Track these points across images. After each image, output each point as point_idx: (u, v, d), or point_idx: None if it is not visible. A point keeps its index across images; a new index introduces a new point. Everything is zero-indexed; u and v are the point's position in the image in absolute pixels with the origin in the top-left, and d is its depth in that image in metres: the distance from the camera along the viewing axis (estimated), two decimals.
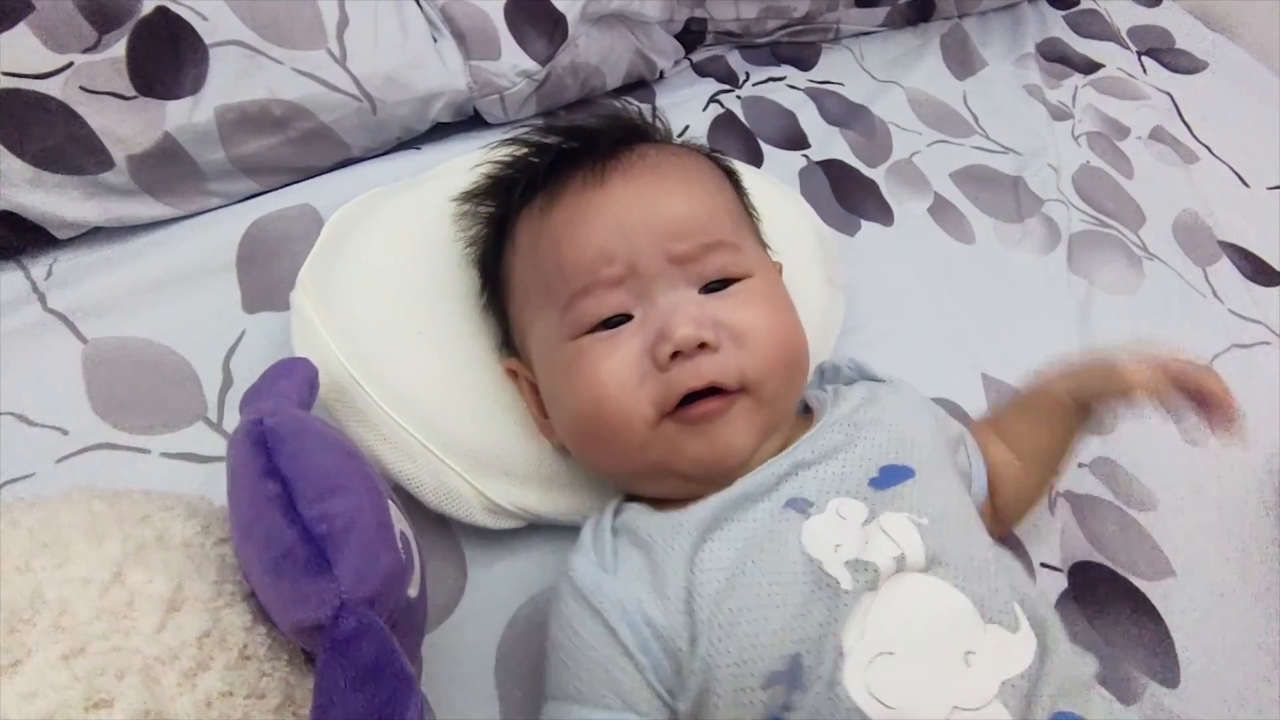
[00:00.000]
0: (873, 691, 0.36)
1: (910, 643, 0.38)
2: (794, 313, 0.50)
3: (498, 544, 0.54)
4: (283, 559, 0.30)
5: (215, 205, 0.66)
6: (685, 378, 0.43)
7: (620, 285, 0.46)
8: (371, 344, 0.53)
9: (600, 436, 0.46)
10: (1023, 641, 0.39)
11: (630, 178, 0.48)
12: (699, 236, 0.46)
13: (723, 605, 0.40)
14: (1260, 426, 0.72)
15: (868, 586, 0.39)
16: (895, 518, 0.41)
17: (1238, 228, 0.89)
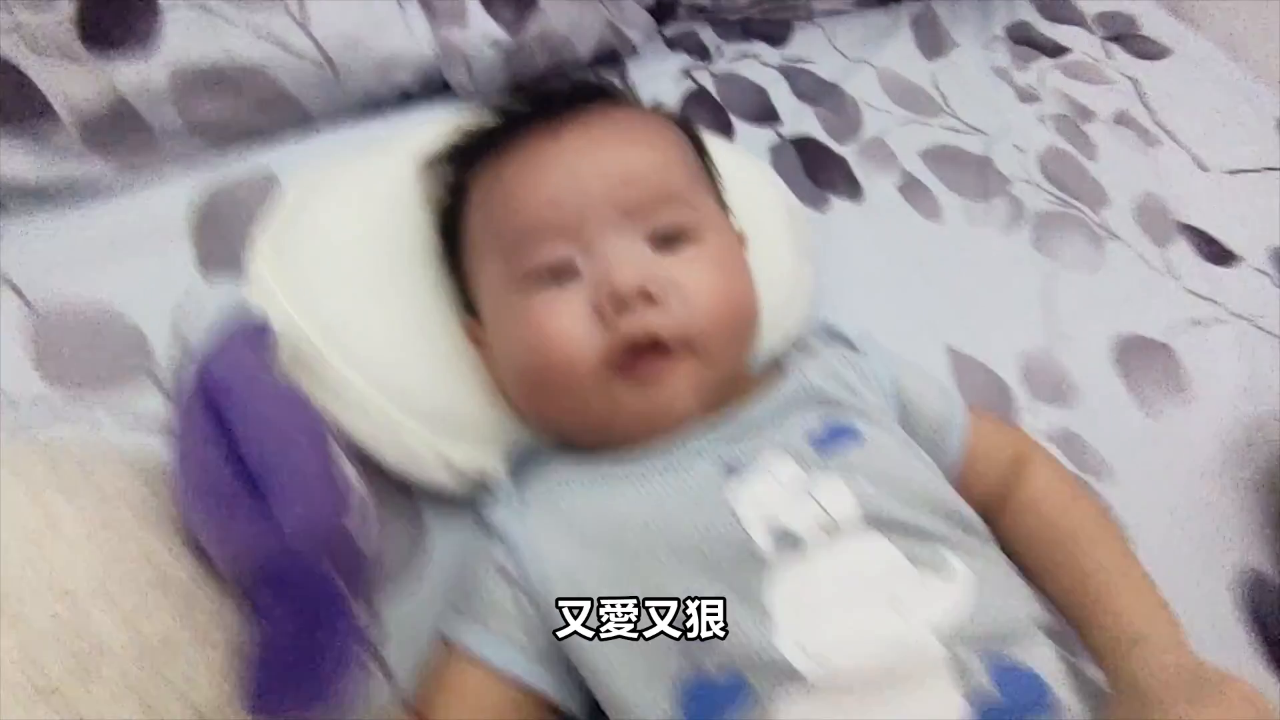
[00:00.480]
0: (802, 647, 0.37)
1: (842, 600, 0.38)
2: (746, 277, 0.50)
3: (458, 507, 0.54)
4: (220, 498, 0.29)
5: (169, 169, 0.64)
6: (629, 328, 0.43)
7: (567, 236, 0.45)
8: (329, 307, 0.52)
9: (545, 389, 0.46)
10: (958, 586, 0.39)
11: (585, 130, 0.48)
12: (650, 187, 0.46)
13: (636, 553, 0.40)
14: (1213, 401, 0.73)
15: (790, 552, 0.39)
16: (831, 483, 0.41)
17: (1196, 210, 0.91)
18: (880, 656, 0.36)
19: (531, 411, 0.50)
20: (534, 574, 0.42)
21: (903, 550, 0.40)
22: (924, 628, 0.37)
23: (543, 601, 0.42)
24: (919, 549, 0.40)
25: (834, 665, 0.36)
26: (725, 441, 0.45)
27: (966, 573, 0.40)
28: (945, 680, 0.36)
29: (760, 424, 0.46)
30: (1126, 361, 0.75)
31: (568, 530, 0.43)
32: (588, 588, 0.41)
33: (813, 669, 0.36)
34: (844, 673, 0.36)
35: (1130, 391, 0.73)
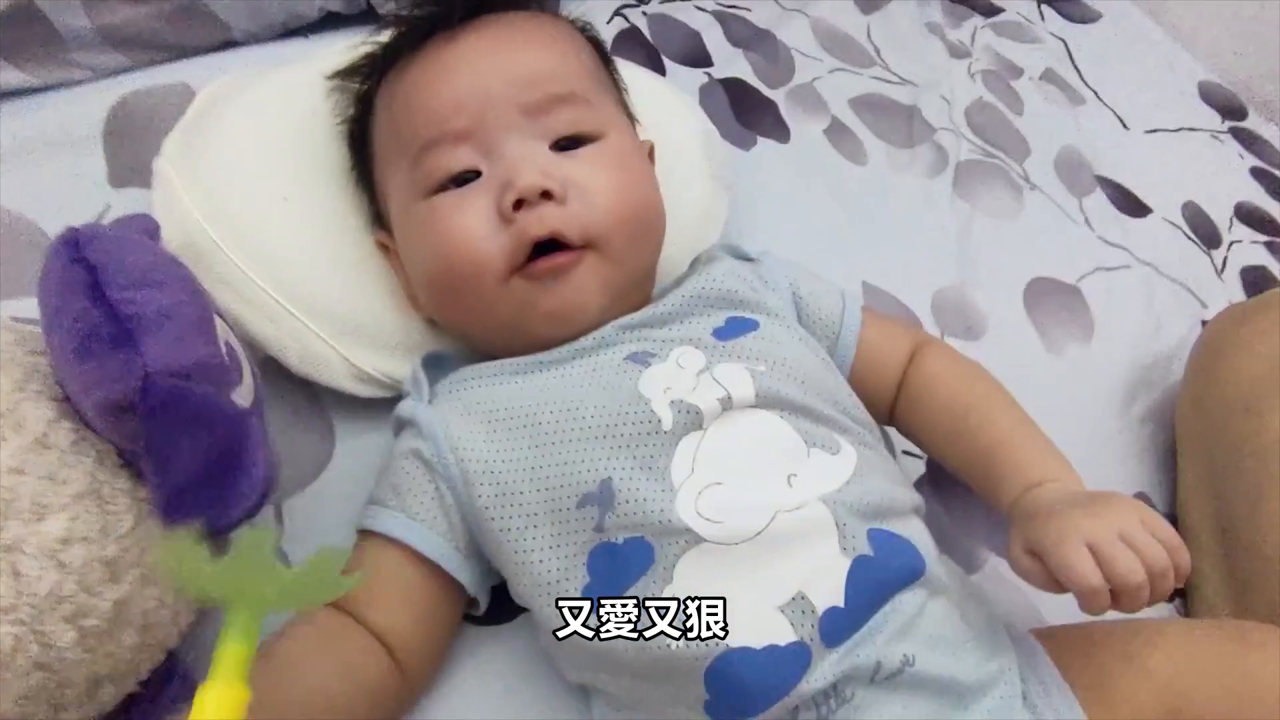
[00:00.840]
0: (700, 513, 0.39)
1: (736, 471, 0.40)
2: (647, 177, 0.51)
3: (366, 414, 0.54)
4: (88, 338, 0.29)
5: (81, 79, 0.63)
6: (530, 225, 0.44)
7: (469, 139, 0.46)
8: (237, 210, 0.52)
9: (454, 293, 0.47)
10: (843, 462, 0.42)
11: (482, 33, 0.48)
12: (549, 86, 0.47)
13: (540, 430, 0.42)
14: (1115, 339, 0.77)
15: (691, 426, 0.41)
16: (730, 366, 0.43)
17: (1115, 165, 0.94)
18: (770, 519, 0.39)
19: (443, 317, 0.51)
20: (450, 458, 0.43)
21: (794, 427, 0.42)
22: (812, 496, 0.40)
23: (459, 486, 0.43)
24: (810, 427, 0.43)
25: (728, 527, 0.39)
26: (635, 336, 0.46)
27: (851, 452, 0.43)
28: (828, 539, 0.39)
29: (667, 319, 0.47)
30: (1036, 302, 0.78)
31: (480, 416, 0.44)
32: (501, 470, 0.42)
33: (709, 529, 0.38)
34: (737, 532, 0.39)
35: (1037, 330, 0.76)
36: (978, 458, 0.48)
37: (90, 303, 0.30)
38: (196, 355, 0.32)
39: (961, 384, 0.52)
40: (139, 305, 0.31)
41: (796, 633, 0.38)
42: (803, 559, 0.39)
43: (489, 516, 0.42)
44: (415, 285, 0.50)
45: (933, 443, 0.52)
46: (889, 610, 0.40)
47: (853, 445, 0.44)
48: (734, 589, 0.38)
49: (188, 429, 0.29)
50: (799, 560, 0.39)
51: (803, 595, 0.38)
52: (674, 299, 0.48)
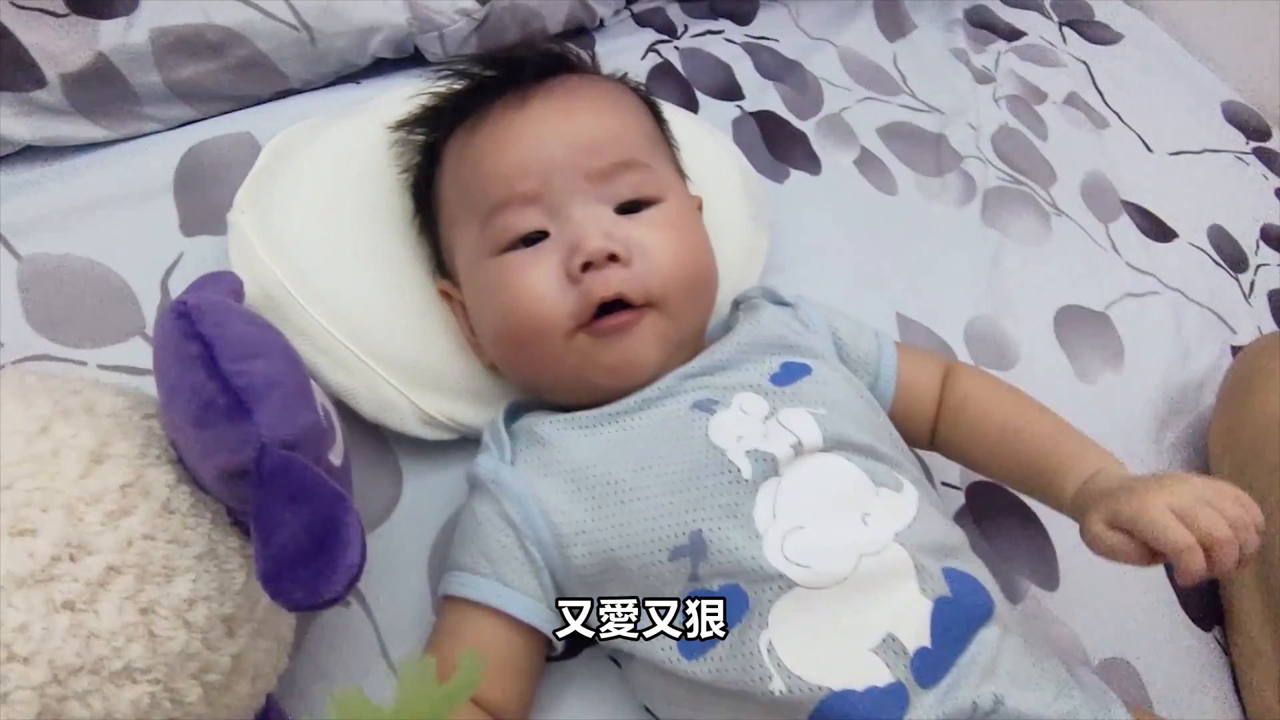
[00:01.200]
0: (789, 558, 0.41)
1: (816, 514, 0.43)
2: (703, 238, 0.53)
3: (432, 455, 0.57)
4: (205, 409, 0.32)
5: (152, 130, 0.66)
6: (596, 287, 0.46)
7: (537, 203, 0.48)
8: (308, 261, 0.55)
9: (521, 347, 0.49)
10: (907, 499, 0.45)
11: (550, 99, 0.51)
12: (613, 154, 0.49)
13: (623, 488, 0.44)
14: (1145, 366, 0.78)
15: (769, 473, 0.43)
16: (793, 412, 0.46)
17: (1140, 189, 0.96)
18: (856, 563, 0.41)
19: (508, 368, 0.53)
20: (540, 522, 0.45)
21: (860, 467, 0.45)
22: (889, 536, 0.42)
23: (551, 549, 0.45)
24: (873, 466, 0.46)
25: (817, 571, 0.41)
26: (696, 384, 0.49)
27: (911, 488, 0.46)
28: (908, 580, 0.42)
29: (724, 366, 0.50)
30: (1066, 330, 0.79)
31: (562, 477, 0.46)
32: (593, 530, 0.44)
33: (800, 573, 0.41)
34: (825, 576, 0.41)
35: (1069, 358, 0.77)
36: (1029, 460, 0.50)
37: (207, 376, 0.33)
38: (303, 422, 0.34)
39: (997, 397, 0.55)
40: (250, 376, 0.33)
41: (893, 674, 0.39)
42: (888, 601, 0.41)
43: (585, 576, 0.44)
44: (482, 337, 0.53)
45: (978, 457, 0.54)
46: (974, 650, 0.41)
47: (910, 481, 0.46)
48: (828, 632, 0.40)
49: (293, 500, 0.31)
50: (885, 603, 0.41)
51: (893, 637, 0.40)
52: (728, 347, 0.51)
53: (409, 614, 0.51)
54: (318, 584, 0.29)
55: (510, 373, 0.54)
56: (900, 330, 0.74)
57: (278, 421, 0.32)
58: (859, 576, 0.41)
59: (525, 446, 0.48)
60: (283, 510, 0.30)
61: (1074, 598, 0.62)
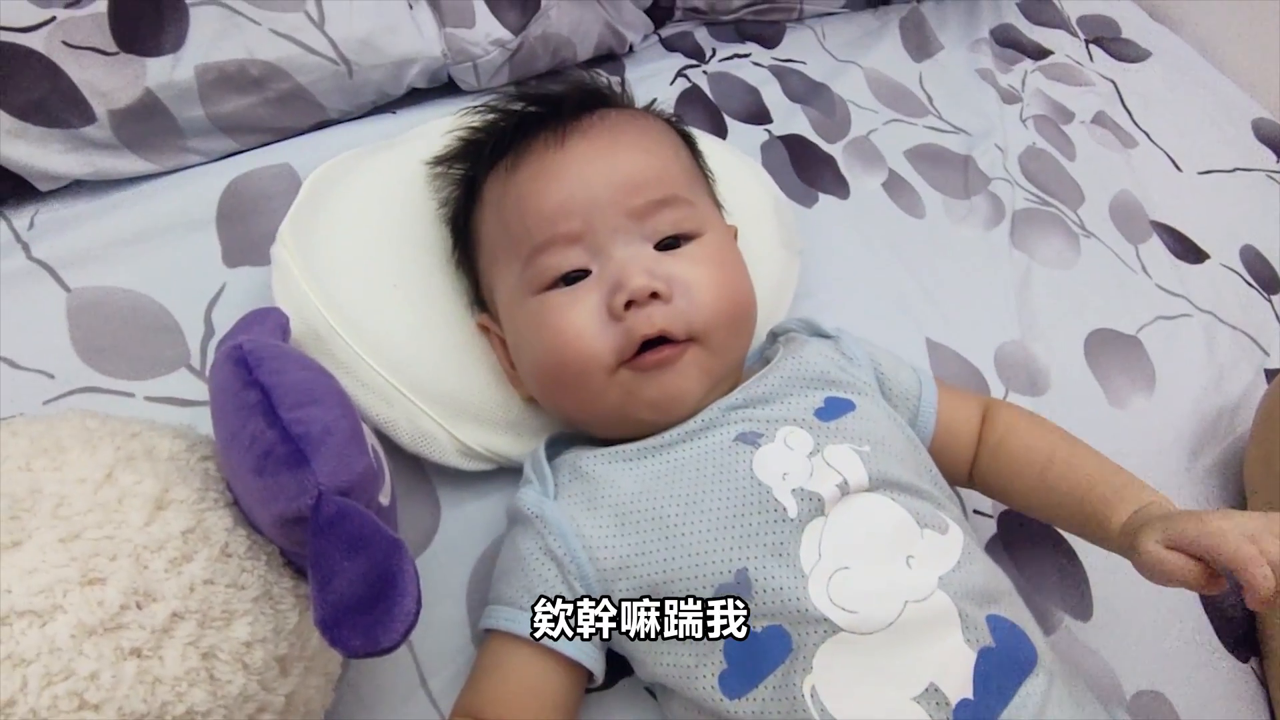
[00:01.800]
0: (835, 601, 0.41)
1: (861, 556, 0.43)
2: (743, 270, 0.53)
3: (469, 485, 0.58)
4: (265, 458, 0.33)
5: (194, 162, 0.68)
6: (639, 325, 0.47)
7: (579, 241, 0.49)
8: (349, 295, 0.56)
9: (563, 384, 0.50)
10: (952, 541, 0.45)
11: (589, 138, 0.51)
12: (654, 191, 0.50)
13: (668, 523, 0.44)
14: (1178, 390, 0.78)
15: (815, 513, 0.44)
16: (838, 449, 0.46)
17: (1169, 209, 0.95)
18: (901, 609, 0.41)
19: (550, 404, 0.54)
20: (583, 556, 0.45)
21: (905, 508, 0.45)
22: (934, 580, 0.42)
23: (594, 584, 0.45)
24: (918, 506, 0.45)
25: (863, 616, 0.41)
26: (739, 416, 0.49)
27: (956, 529, 0.46)
28: (952, 629, 0.41)
29: (767, 399, 0.50)
30: (1097, 354, 0.79)
31: (606, 511, 0.46)
32: (637, 566, 0.44)
33: (845, 618, 0.40)
34: (871, 621, 0.40)
35: (1100, 382, 0.77)
36: (1074, 495, 0.50)
37: (266, 424, 0.34)
38: (358, 468, 0.35)
39: (1037, 432, 0.54)
40: (307, 424, 0.34)
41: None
42: (932, 650, 0.41)
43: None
44: (523, 373, 0.53)
45: (1019, 491, 0.54)
46: (1019, 702, 0.41)
47: (954, 521, 0.46)
48: (872, 679, 0.40)
49: (351, 548, 0.32)
50: (928, 651, 0.41)
51: (935, 687, 0.40)
52: (771, 380, 0.51)
53: (448, 644, 0.52)
54: (376, 633, 0.30)
55: (551, 408, 0.54)
56: (929, 355, 0.74)
57: (334, 468, 0.33)
58: (904, 623, 0.41)
59: (568, 480, 0.49)
60: (341, 558, 0.31)
61: (1108, 628, 0.62)
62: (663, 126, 0.57)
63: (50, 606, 0.29)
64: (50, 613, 0.29)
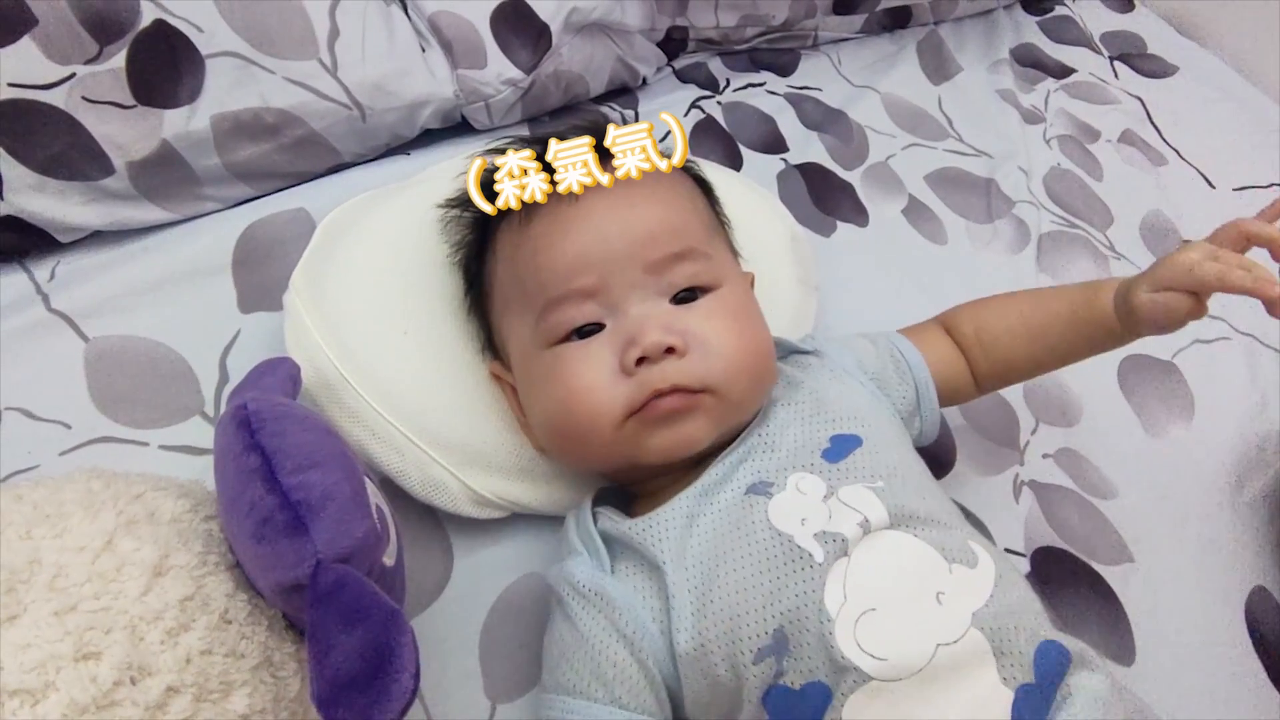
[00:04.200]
0: (863, 647, 0.40)
1: (888, 596, 0.41)
2: (760, 323, 0.52)
3: (482, 532, 0.57)
4: (264, 524, 0.32)
5: (211, 209, 0.69)
6: (653, 380, 0.46)
7: (593, 296, 0.48)
8: (360, 343, 0.55)
9: (572, 438, 0.49)
10: (983, 573, 0.43)
11: (603, 191, 0.50)
12: (670, 245, 0.49)
13: (706, 594, 0.43)
14: (1218, 417, 0.75)
15: (839, 554, 0.42)
16: (853, 489, 0.44)
17: (1203, 228, 0.90)
18: (932, 654, 0.39)
19: (560, 456, 0.53)
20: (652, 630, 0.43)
21: (929, 543, 0.43)
22: (966, 618, 0.40)
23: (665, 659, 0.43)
24: (943, 539, 0.44)
25: (893, 664, 0.39)
26: (747, 469, 0.47)
27: (988, 560, 0.44)
28: (988, 669, 0.40)
29: (772, 446, 0.48)
30: (1131, 381, 0.76)
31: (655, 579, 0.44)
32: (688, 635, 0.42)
33: (875, 666, 0.39)
34: (901, 669, 0.39)
35: (1135, 411, 0.74)
36: (1061, 319, 0.55)
37: (265, 490, 0.33)
38: (358, 534, 0.34)
39: (994, 306, 0.59)
40: (307, 490, 0.34)
41: None
42: (965, 694, 0.39)
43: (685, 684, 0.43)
44: (534, 424, 0.52)
45: (1023, 358, 0.57)
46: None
47: (983, 550, 0.44)
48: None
49: (348, 622, 0.31)
50: (962, 694, 0.39)
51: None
52: (772, 425, 0.49)
53: (460, 697, 0.51)
54: (371, 712, 0.29)
55: (561, 459, 0.54)
56: None
57: (333, 536, 0.32)
58: (935, 667, 0.39)
59: (618, 555, 0.47)
60: (338, 631, 0.30)
61: (1152, 672, 0.59)
62: (678, 175, 0.56)
63: (43, 684, 0.28)
64: (42, 691, 0.28)
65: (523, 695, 0.52)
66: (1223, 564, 0.66)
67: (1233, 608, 0.63)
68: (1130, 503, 0.68)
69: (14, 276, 0.63)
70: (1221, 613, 0.63)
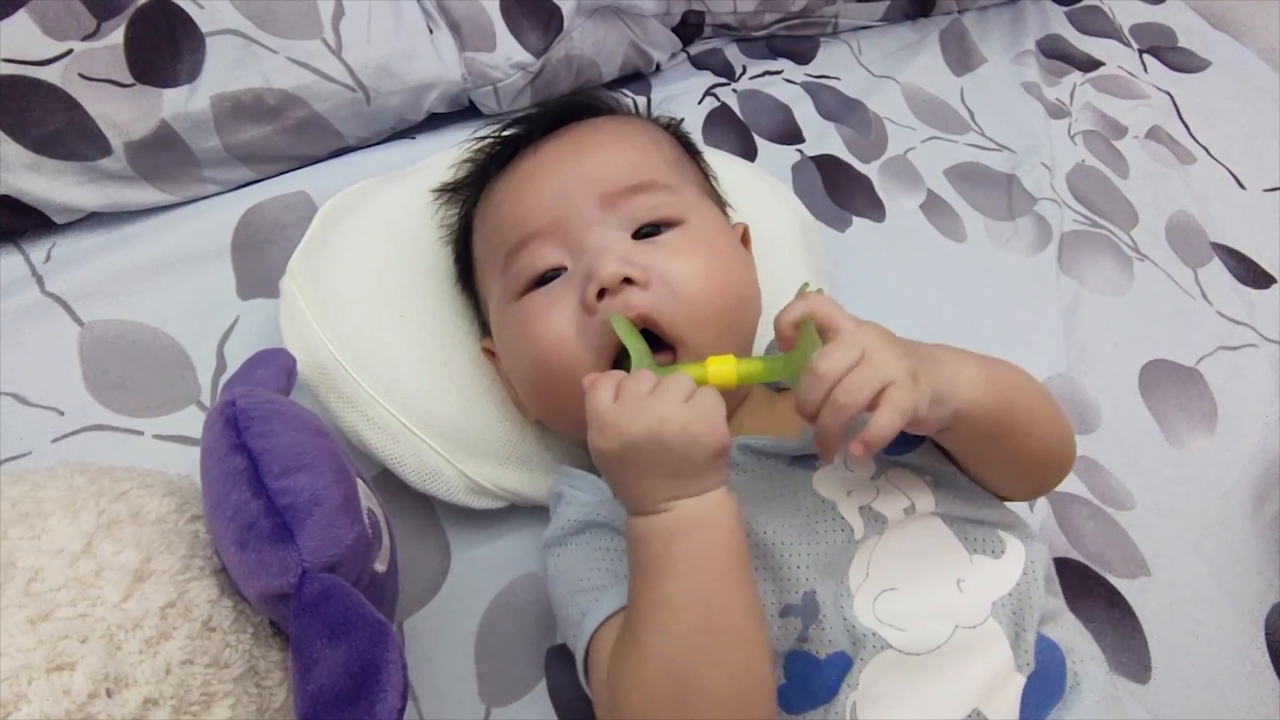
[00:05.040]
0: (882, 619, 0.40)
1: (909, 577, 0.41)
2: (734, 260, 0.49)
3: (480, 528, 0.56)
4: (249, 530, 0.31)
5: (211, 192, 0.67)
6: (615, 310, 0.43)
7: (553, 237, 0.47)
8: (356, 329, 0.54)
9: (550, 390, 0.47)
10: (1009, 564, 0.43)
11: (562, 141, 0.50)
12: (627, 177, 0.48)
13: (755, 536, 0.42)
14: (1242, 427, 0.72)
15: (874, 533, 0.42)
16: (902, 473, 0.44)
17: (1231, 229, 0.89)
18: (951, 633, 0.40)
19: (547, 418, 0.52)
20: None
21: (955, 532, 0.43)
22: (986, 606, 0.41)
23: None
24: (974, 533, 0.43)
25: (913, 636, 0.39)
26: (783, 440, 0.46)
27: (1018, 550, 0.43)
28: (1003, 653, 0.40)
29: None
30: (1152, 388, 0.74)
31: None
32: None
33: (895, 635, 0.39)
34: (920, 643, 0.39)
35: (1156, 419, 0.72)
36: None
37: (251, 494, 0.32)
38: (345, 542, 0.33)
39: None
40: (293, 494, 0.32)
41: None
42: (978, 674, 0.39)
43: None
44: (518, 388, 0.51)
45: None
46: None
47: (1018, 540, 0.44)
48: (914, 700, 0.39)
49: (333, 635, 0.30)
50: (974, 675, 0.39)
51: (979, 713, 0.38)
52: None
53: (453, 700, 0.50)
54: None
55: (552, 424, 0.52)
56: None
57: (320, 543, 0.31)
58: (953, 647, 0.39)
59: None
60: (323, 645, 0.29)
61: (1168, 689, 0.58)
62: (648, 123, 0.55)
63: (14, 696, 0.27)
64: (13, 703, 0.27)
65: (519, 699, 0.50)
66: (1242, 580, 0.64)
67: (1252, 626, 0.61)
68: (1148, 514, 0.66)
69: (9, 258, 0.62)
70: (1241, 630, 0.61)
